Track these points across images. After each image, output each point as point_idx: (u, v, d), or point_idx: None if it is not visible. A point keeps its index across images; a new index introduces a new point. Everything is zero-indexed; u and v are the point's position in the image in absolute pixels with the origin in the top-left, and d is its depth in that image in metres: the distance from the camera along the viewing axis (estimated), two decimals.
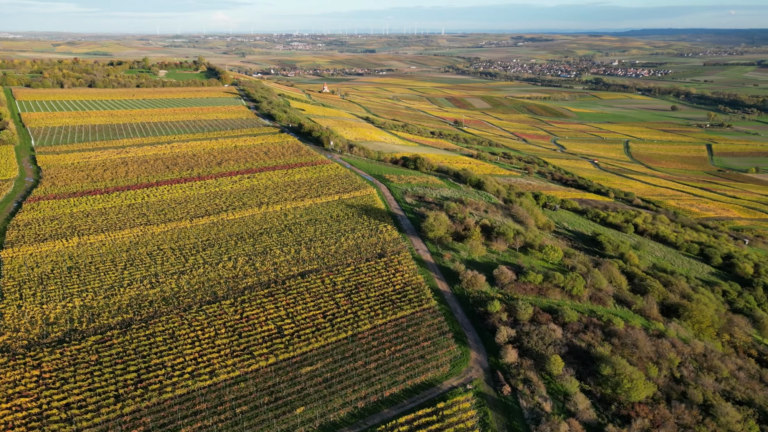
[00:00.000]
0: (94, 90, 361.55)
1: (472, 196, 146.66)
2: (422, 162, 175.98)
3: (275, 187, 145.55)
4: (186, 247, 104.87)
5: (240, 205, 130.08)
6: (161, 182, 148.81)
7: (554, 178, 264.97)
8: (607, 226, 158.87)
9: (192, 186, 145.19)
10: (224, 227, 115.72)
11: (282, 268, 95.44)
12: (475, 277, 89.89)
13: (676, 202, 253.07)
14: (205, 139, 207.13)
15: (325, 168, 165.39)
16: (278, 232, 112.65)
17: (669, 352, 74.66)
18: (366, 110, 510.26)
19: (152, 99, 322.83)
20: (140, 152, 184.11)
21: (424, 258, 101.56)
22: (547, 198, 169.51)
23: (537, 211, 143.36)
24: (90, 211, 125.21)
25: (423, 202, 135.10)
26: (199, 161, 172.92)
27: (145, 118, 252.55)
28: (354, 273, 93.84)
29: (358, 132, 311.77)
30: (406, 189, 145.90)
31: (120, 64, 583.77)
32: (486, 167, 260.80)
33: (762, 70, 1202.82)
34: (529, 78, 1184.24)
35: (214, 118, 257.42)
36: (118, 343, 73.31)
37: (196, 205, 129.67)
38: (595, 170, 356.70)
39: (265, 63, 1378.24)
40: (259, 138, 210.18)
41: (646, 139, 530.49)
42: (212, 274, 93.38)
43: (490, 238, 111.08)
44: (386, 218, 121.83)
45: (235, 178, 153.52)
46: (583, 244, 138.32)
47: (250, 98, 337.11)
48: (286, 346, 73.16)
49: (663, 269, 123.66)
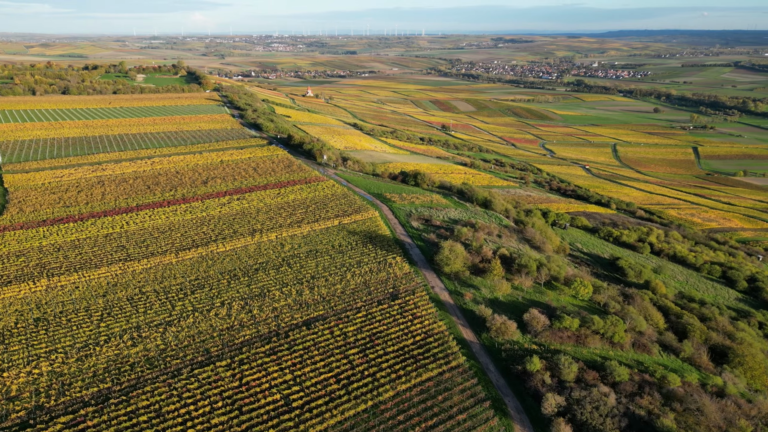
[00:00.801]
0: (68, 97, 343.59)
1: (481, 217, 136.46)
2: (423, 178, 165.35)
3: (268, 210, 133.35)
4: (172, 290, 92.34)
5: (231, 233, 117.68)
6: (142, 206, 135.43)
7: (552, 188, 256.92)
8: (620, 245, 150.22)
9: (176, 210, 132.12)
10: (214, 262, 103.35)
11: (284, 315, 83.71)
12: (504, 324, 79.37)
13: (676, 212, 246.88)
14: (189, 153, 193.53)
15: (320, 186, 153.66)
16: (276, 267, 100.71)
17: (737, 417, 65.10)
18: (352, 115, 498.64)
19: (130, 107, 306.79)
20: (118, 169, 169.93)
21: (442, 298, 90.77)
22: (556, 215, 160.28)
23: (551, 233, 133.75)
24: (62, 243, 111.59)
25: (431, 227, 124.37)
26: (183, 179, 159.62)
27: (123, 129, 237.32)
28: (366, 320, 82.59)
29: (347, 140, 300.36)
30: (411, 210, 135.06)
31: (96, 68, 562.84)
32: (482, 177, 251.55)
33: (739, 71, 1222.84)
34: (511, 80, 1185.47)
35: (197, 129, 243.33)
36: (93, 426, 60.82)
37: (182, 234, 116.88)
38: (588, 176, 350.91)
39: (245, 65, 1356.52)
40: (247, 151, 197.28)
41: (632, 143, 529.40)
42: (203, 324, 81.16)
43: (510, 270, 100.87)
44: (394, 247, 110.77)
45: (224, 199, 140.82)
46: (602, 269, 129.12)
47: (233, 105, 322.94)
48: (296, 424, 61.51)
49: (691, 297, 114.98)
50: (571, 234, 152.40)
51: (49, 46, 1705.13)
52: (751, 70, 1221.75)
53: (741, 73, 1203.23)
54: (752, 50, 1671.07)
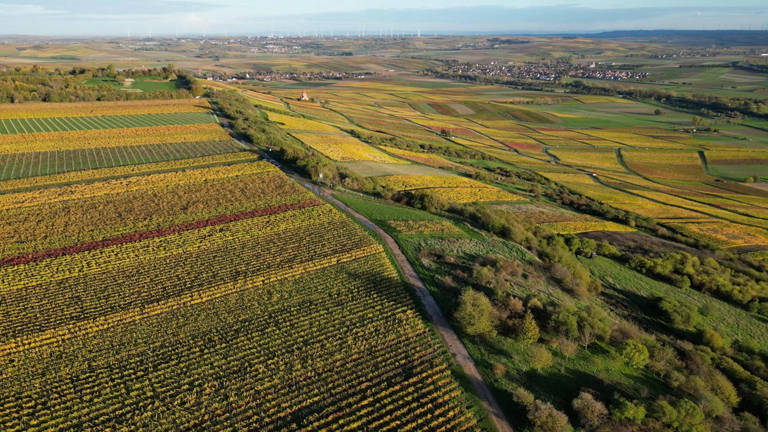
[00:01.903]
0: (48, 105, 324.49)
1: (500, 250, 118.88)
2: (430, 200, 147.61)
3: (255, 244, 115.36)
4: (130, 363, 74.27)
5: (209, 277, 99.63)
6: (109, 240, 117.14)
7: (564, 202, 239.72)
8: (655, 278, 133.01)
9: (148, 246, 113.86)
10: (187, 320, 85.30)
11: (268, 404, 65.78)
12: (552, 417, 61.80)
13: (698, 228, 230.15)
14: (170, 171, 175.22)
15: (315, 212, 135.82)
16: (261, 328, 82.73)
17: None
18: (349, 120, 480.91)
19: (113, 116, 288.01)
20: (88, 191, 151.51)
21: (467, 372, 73.09)
22: (579, 242, 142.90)
23: (580, 269, 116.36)
24: (5, 294, 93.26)
25: (444, 265, 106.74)
26: (160, 204, 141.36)
27: (101, 141, 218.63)
28: (374, 411, 64.81)
29: (344, 149, 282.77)
30: (419, 243, 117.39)
31: (83, 72, 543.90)
32: (490, 191, 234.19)
33: (737, 72, 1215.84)
34: (508, 81, 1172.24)
35: (182, 141, 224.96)
36: None
37: (152, 280, 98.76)
38: (596, 185, 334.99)
39: (240, 67, 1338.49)
40: (235, 168, 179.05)
41: (637, 147, 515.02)
42: (164, 420, 63.15)
43: (545, 327, 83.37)
44: (403, 296, 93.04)
45: (204, 230, 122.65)
46: (641, 311, 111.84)
47: (223, 113, 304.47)
48: None
49: (750, 349, 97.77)
50: (599, 265, 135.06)
51: (41, 48, 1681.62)
52: (750, 71, 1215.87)
53: (739, 73, 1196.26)
54: (748, 50, 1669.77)
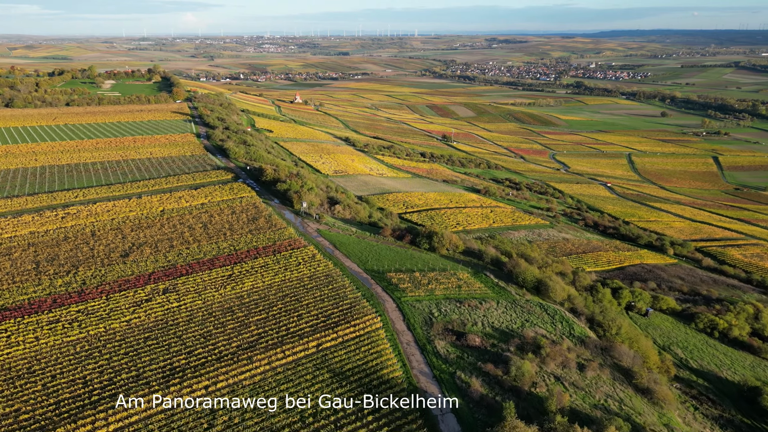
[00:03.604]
0: (9, 111, 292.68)
1: (539, 318, 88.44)
2: (441, 239, 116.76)
3: (207, 316, 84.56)
4: None
5: (130, 381, 68.65)
6: (7, 310, 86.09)
7: (587, 223, 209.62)
8: (731, 344, 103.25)
9: (57, 322, 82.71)
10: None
11: None
12: None
13: (741, 254, 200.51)
14: (122, 197, 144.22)
15: (293, 259, 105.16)
16: None
17: None
18: (344, 125, 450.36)
19: (77, 124, 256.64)
20: (10, 229, 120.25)
21: None
22: (630, 295, 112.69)
23: (645, 344, 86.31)
24: None
25: (467, 350, 76.32)
26: (95, 249, 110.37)
27: (51, 158, 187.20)
28: None
29: (337, 160, 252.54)
30: (430, 311, 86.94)
31: (62, 73, 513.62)
32: (504, 212, 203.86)
33: (740, 72, 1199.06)
34: (508, 82, 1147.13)
35: (148, 156, 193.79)
36: None
37: (40, 391, 67.61)
38: (614, 198, 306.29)
39: (234, 66, 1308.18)
40: (202, 193, 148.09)
41: (648, 152, 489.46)
42: None
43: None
44: (411, 416, 62.57)
45: (142, 292, 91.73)
46: (733, 406, 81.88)
47: (203, 121, 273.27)
48: None
49: None
50: (659, 327, 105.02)
51: (33, 48, 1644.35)
52: (753, 71, 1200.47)
53: (742, 73, 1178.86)
54: (748, 50, 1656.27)
